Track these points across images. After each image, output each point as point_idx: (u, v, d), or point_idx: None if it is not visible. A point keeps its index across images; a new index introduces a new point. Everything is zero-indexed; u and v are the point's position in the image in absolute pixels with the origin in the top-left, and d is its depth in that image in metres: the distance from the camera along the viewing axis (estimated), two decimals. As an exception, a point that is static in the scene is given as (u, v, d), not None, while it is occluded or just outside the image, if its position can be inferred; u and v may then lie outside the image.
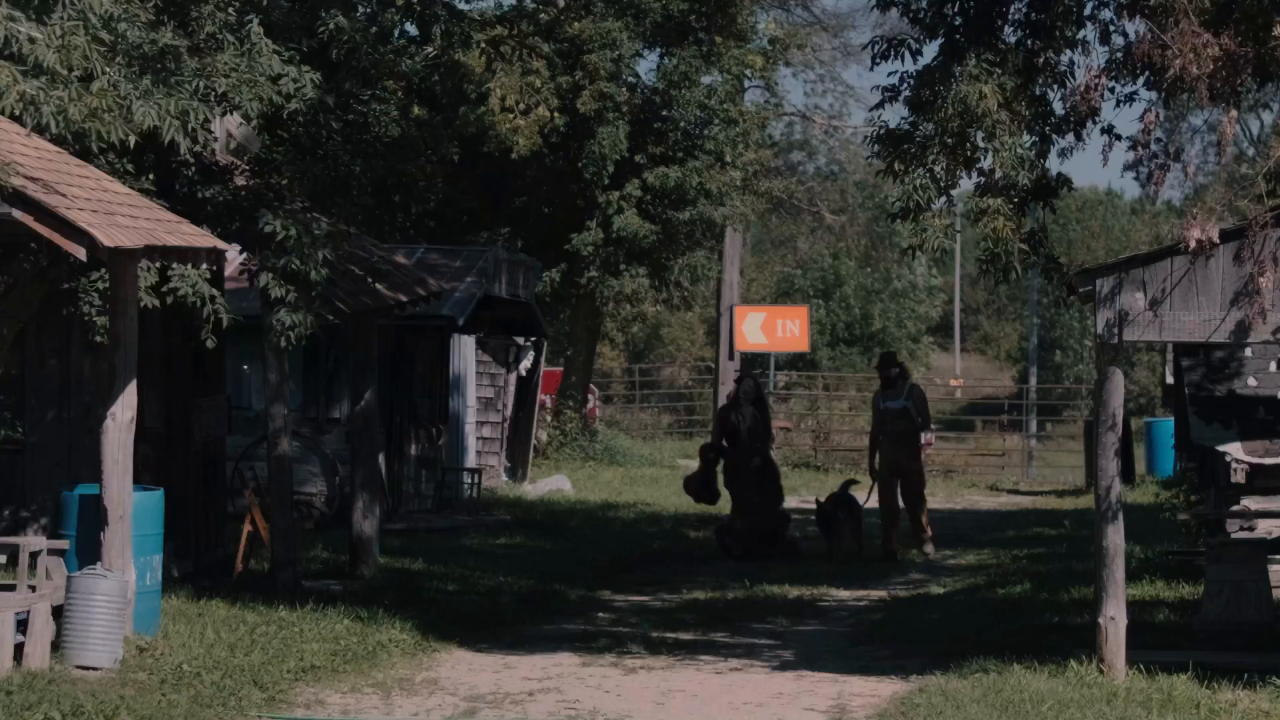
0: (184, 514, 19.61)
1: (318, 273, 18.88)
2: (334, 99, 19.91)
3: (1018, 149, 15.66)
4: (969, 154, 15.86)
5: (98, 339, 17.83)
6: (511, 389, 36.66)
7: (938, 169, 15.95)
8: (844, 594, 22.23)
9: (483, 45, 31.69)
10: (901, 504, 26.94)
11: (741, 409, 26.43)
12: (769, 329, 47.15)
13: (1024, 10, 16.46)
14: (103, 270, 16.90)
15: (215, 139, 19.52)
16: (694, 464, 43.62)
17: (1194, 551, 23.34)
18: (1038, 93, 16.12)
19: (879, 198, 58.99)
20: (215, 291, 17.10)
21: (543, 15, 37.86)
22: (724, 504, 27.26)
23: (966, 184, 16.81)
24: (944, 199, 16.26)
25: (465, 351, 33.58)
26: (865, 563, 26.08)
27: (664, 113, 38.16)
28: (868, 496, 27.22)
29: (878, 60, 16.94)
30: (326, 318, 20.46)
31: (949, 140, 15.72)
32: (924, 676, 15.65)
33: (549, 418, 41.67)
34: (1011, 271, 16.12)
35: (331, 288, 19.74)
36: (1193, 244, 15.39)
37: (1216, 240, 15.48)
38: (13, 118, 13.88)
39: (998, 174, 15.79)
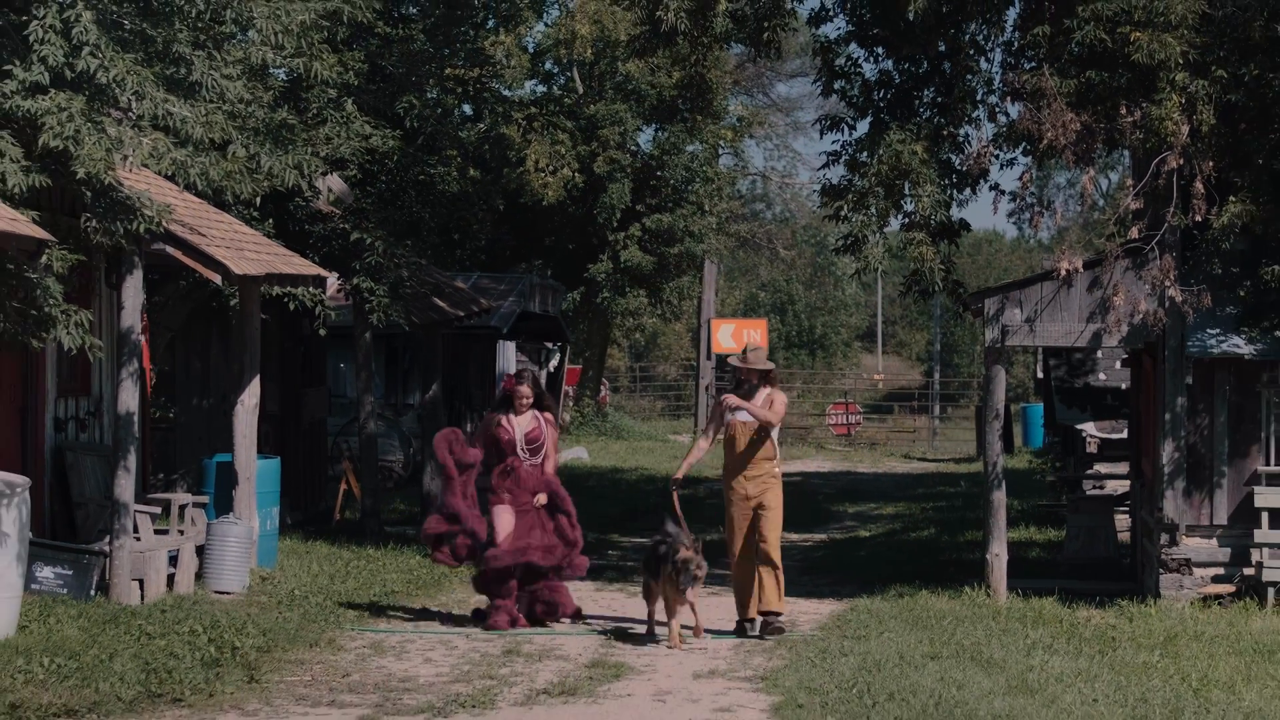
0: (295, 476, 19.65)
1: (395, 273, 19.06)
2: (409, 159, 20.00)
3: (935, 194, 15.68)
4: (897, 199, 15.88)
5: None
6: (542, 382, 36.67)
7: (874, 210, 15.97)
8: (794, 537, 22.16)
9: (521, 122, 31.75)
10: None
11: (515, 414, 14.42)
12: (737, 336, 46.93)
13: (932, 96, 16.47)
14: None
15: (319, 193, 19.56)
16: (684, 440, 43.73)
17: (1058, 504, 23.36)
18: (943, 157, 16.13)
19: (820, 237, 59.06)
20: (322, 296, 17.22)
21: (566, 99, 37.85)
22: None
23: (891, 227, 16.88)
24: (878, 234, 16.30)
25: (508, 353, 33.58)
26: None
27: (658, 173, 38.17)
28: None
29: (824, 132, 17.03)
30: (403, 326, 20.49)
31: (881, 189, 15.73)
32: (855, 599, 15.63)
33: (571, 403, 41.68)
34: (934, 286, 16.15)
35: (407, 305, 19.79)
36: (1063, 271, 15.41)
37: (1081, 268, 15.50)
38: (166, 178, 13.87)
39: (918, 215, 15.81)
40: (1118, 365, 23.26)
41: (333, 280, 19.62)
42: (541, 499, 14.33)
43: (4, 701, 9.47)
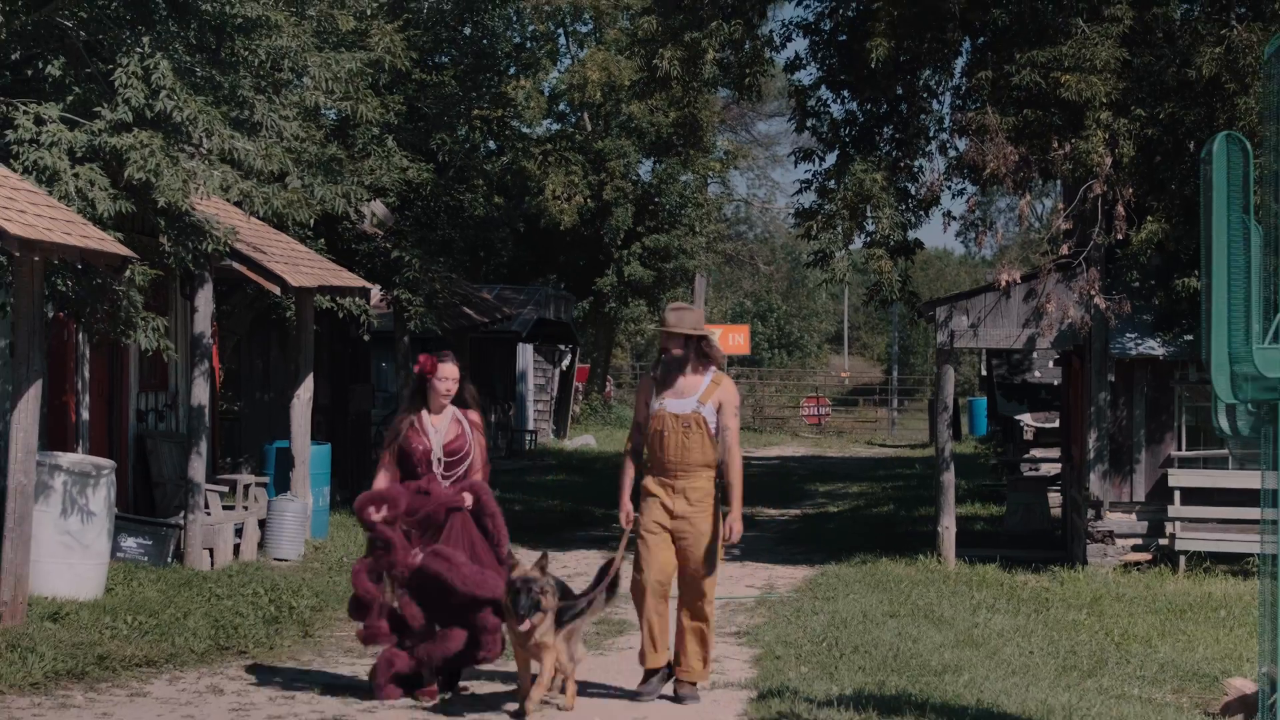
0: (343, 460, 19.62)
1: (429, 286, 19.11)
2: (441, 188, 20.02)
3: (893, 217, 15.69)
4: (860, 221, 15.89)
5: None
6: (556, 378, 36.67)
7: (840, 230, 15.98)
8: (772, 512, 22.19)
9: (538, 155, 31.73)
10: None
11: (431, 410, 9.07)
12: (723, 340, 47.01)
13: (891, 132, 16.47)
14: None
15: (364, 217, 19.56)
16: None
17: (999, 484, 23.36)
18: (900, 185, 16.13)
19: (795, 254, 59.04)
20: (367, 305, 17.23)
21: (578, 136, 37.83)
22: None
23: (856, 245, 16.87)
24: (844, 250, 16.33)
25: (526, 355, 33.59)
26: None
27: (656, 199, 38.16)
28: (609, 577, 9.29)
29: (798, 163, 17.05)
30: (436, 330, 20.48)
31: (847, 212, 15.74)
32: (825, 565, 15.61)
33: (581, 397, 41.66)
34: (892, 296, 16.17)
35: (440, 313, 19.80)
36: (1003, 283, 15.41)
37: (1019, 281, 15.51)
38: (235, 204, 13.88)
39: (878, 235, 15.82)
40: (1050, 364, 23.27)
41: (376, 292, 19.62)
42: (468, 499, 8.94)
43: (94, 653, 9.47)
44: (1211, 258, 6.51)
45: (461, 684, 9.13)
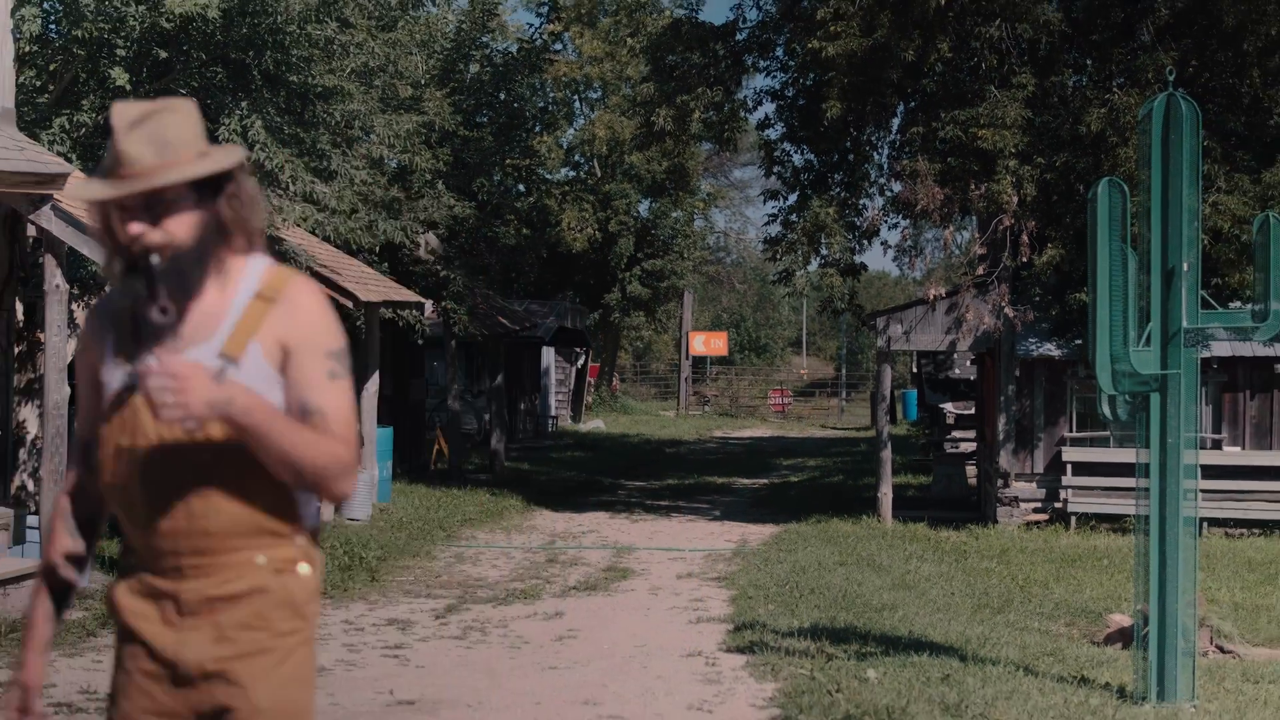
0: (402, 439, 19.64)
1: (471, 300, 19.16)
2: (480, 222, 20.03)
3: (842, 244, 15.72)
4: (816, 247, 15.91)
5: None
6: (573, 374, 36.66)
7: (800, 254, 16.02)
8: (746, 481, 22.19)
9: (557, 195, 31.66)
10: None
11: None
12: (706, 343, 47.14)
13: (841, 177, 16.49)
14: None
15: (419, 246, 19.58)
16: (671, 417, 43.60)
17: (927, 459, 23.37)
18: (848, 219, 16.15)
19: (764, 274, 59.04)
20: (421, 316, 17.22)
21: (589, 180, 37.83)
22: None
23: (812, 266, 16.88)
24: (803, 270, 16.37)
25: (549, 355, 33.58)
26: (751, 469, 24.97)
27: (652, 231, 38.16)
28: None
29: (766, 201, 17.11)
30: (477, 336, 20.49)
31: (805, 239, 15.76)
32: (787, 524, 15.62)
33: (592, 389, 41.67)
34: (841, 308, 16.21)
35: (480, 321, 19.81)
36: (931, 298, 15.43)
37: (943, 296, 15.53)
38: (311, 232, 13.89)
39: (830, 258, 15.85)
40: (968, 363, 23.27)
41: (429, 305, 19.65)
42: None
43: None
44: (1096, 277, 6.54)
45: None
